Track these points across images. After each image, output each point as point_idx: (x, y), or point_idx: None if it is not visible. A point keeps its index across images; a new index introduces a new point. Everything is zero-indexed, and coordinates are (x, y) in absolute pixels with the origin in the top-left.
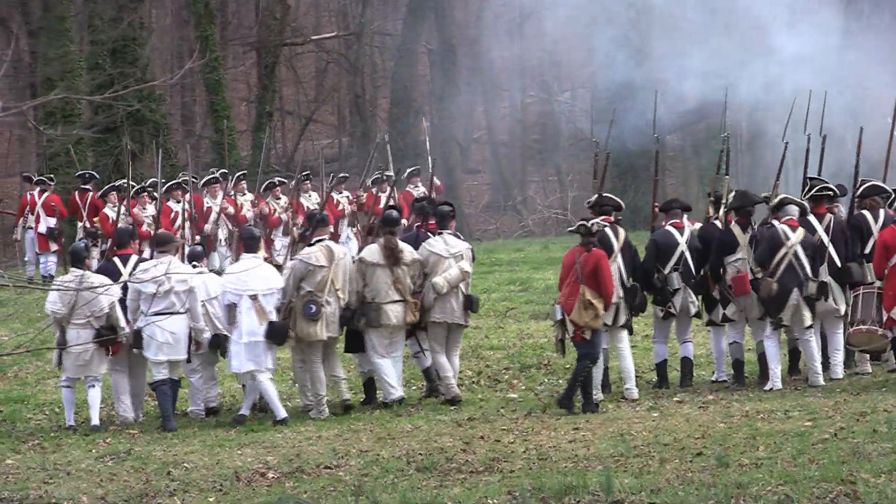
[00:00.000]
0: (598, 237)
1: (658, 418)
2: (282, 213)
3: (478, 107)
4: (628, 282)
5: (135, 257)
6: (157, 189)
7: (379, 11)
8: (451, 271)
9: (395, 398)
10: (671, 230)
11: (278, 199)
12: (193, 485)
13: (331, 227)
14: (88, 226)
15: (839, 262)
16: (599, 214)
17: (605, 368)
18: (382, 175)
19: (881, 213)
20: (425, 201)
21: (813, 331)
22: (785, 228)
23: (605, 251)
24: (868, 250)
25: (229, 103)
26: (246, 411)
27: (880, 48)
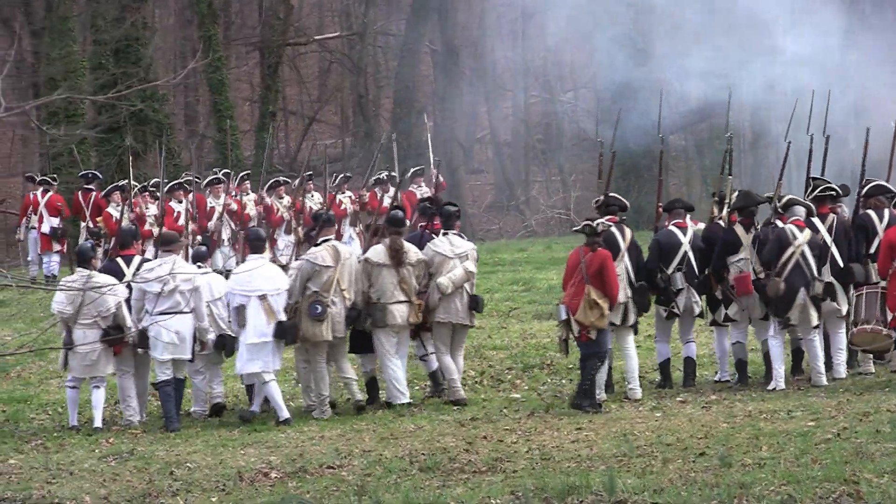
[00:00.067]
0: (604, 237)
1: (661, 418)
2: (284, 213)
3: (481, 107)
4: (636, 281)
5: (138, 257)
6: (159, 189)
7: (382, 11)
8: (455, 271)
9: (400, 402)
10: (674, 230)
11: (281, 198)
12: (196, 485)
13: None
14: (91, 226)
15: (841, 263)
16: (605, 214)
17: (609, 368)
18: (388, 174)
19: (886, 213)
20: (428, 202)
21: (817, 331)
22: (792, 228)
23: (612, 251)
24: (873, 250)
25: (232, 103)
26: (256, 408)
27: (882, 48)
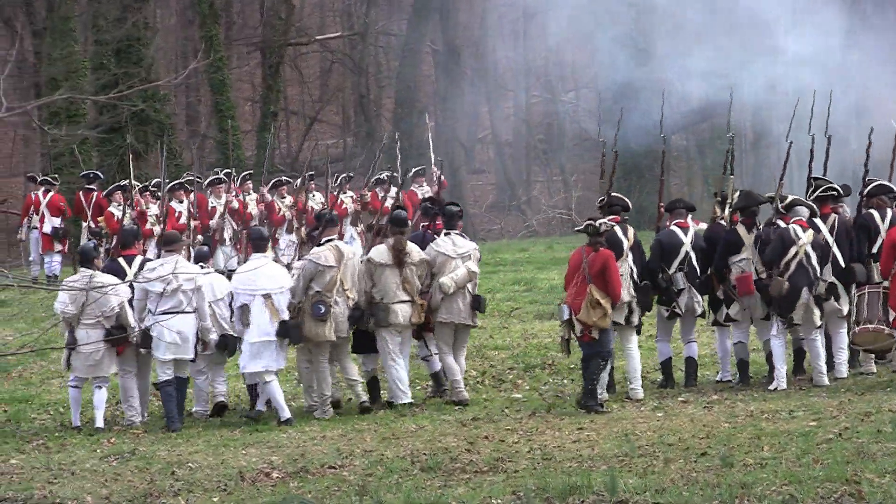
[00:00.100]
0: (607, 237)
1: (662, 418)
2: (286, 212)
3: (482, 107)
4: (640, 281)
5: (139, 257)
6: (161, 189)
7: (383, 12)
8: (458, 271)
9: (402, 403)
10: (675, 230)
11: (283, 198)
12: (198, 485)
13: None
14: (93, 226)
15: (843, 263)
16: (609, 215)
17: (611, 368)
18: (391, 174)
19: (889, 213)
20: (429, 202)
21: (819, 331)
22: (796, 228)
23: (615, 251)
24: (876, 249)
25: (234, 103)
26: (262, 407)
27: (883, 48)
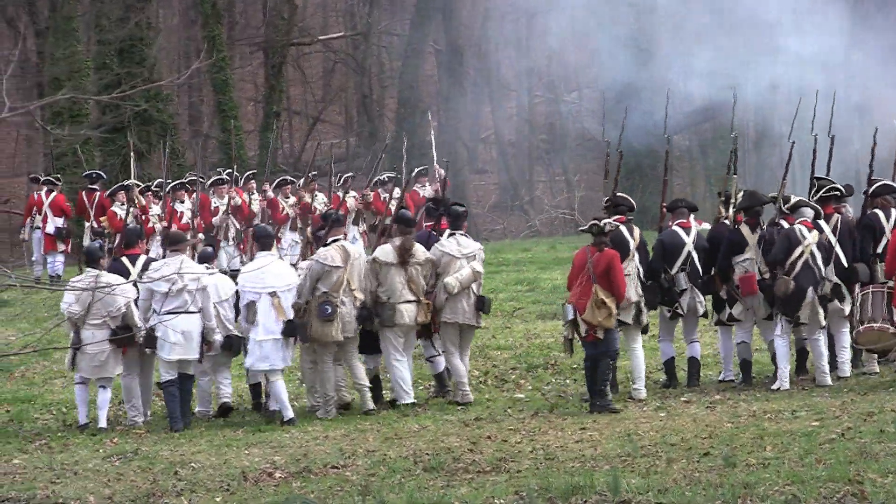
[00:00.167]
0: (612, 237)
1: (665, 418)
2: (289, 210)
3: (485, 107)
4: (647, 281)
5: (143, 257)
6: (163, 189)
7: (386, 12)
8: (462, 272)
9: (405, 402)
10: (678, 230)
11: (287, 197)
12: (200, 484)
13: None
14: (96, 226)
15: (845, 263)
16: (614, 215)
17: (613, 368)
18: (395, 175)
19: (893, 213)
20: (432, 202)
21: (822, 331)
22: (801, 228)
23: (621, 251)
24: (880, 250)
25: (236, 103)
26: (274, 406)
27: (885, 48)
